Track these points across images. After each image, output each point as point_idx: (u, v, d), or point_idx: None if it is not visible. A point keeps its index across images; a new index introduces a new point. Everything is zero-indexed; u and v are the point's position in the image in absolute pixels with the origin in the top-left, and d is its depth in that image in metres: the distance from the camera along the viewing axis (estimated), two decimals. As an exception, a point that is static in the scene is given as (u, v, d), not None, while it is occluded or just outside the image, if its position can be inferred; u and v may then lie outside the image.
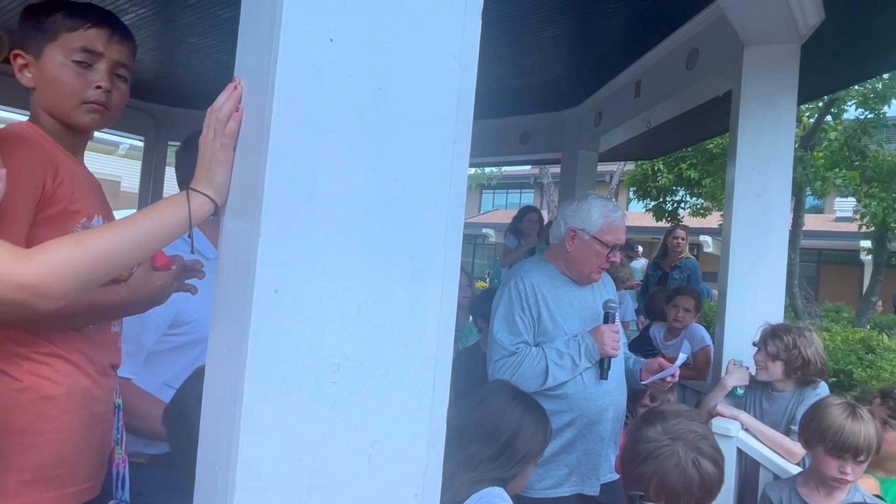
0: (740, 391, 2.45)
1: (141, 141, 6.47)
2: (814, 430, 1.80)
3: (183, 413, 1.09)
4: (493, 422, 1.42)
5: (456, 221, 0.80)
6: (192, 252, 0.96)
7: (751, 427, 2.31)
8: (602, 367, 2.04)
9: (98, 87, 1.17)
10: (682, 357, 2.11)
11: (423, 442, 0.78)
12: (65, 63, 1.14)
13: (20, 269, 0.82)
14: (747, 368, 2.51)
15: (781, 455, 2.21)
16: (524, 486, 2.00)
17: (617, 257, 2.14)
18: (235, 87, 0.84)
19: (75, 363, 1.15)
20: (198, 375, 1.08)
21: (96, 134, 1.33)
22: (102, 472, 1.23)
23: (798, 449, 2.10)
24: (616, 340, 2.05)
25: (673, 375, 2.09)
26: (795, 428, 2.17)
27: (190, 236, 0.88)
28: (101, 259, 0.86)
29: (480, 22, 0.81)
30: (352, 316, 0.73)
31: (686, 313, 3.64)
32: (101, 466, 1.22)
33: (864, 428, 1.74)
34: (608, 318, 2.08)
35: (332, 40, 0.71)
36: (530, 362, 2.00)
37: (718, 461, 1.20)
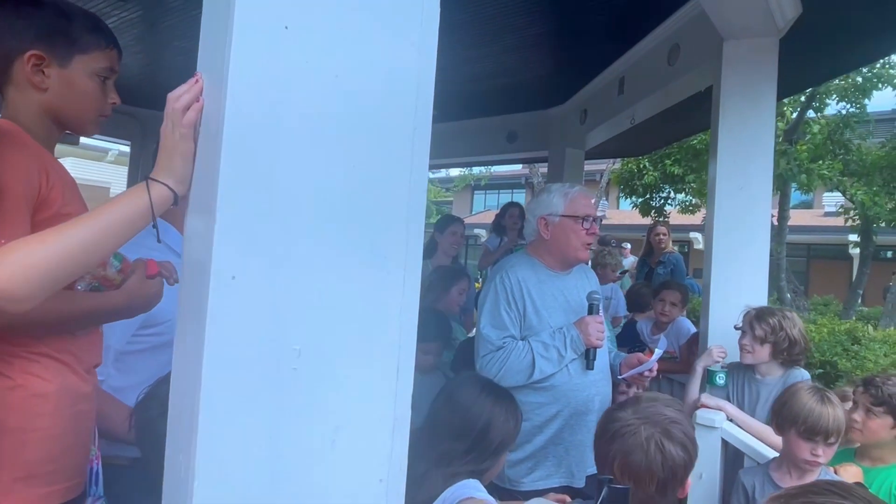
0: (720, 381, 2.46)
1: (128, 145, 6.45)
2: (786, 415, 1.85)
3: (148, 414, 1.10)
4: (463, 416, 1.42)
5: (418, 208, 0.81)
6: (159, 241, 0.96)
7: (735, 418, 2.32)
8: (588, 357, 2.07)
9: (113, 102, 1.27)
10: (658, 352, 2.13)
11: (387, 427, 0.78)
12: (93, 78, 1.22)
13: None
14: (719, 347, 2.54)
15: (767, 445, 2.22)
16: (514, 480, 2.02)
17: (595, 228, 2.16)
18: (196, 81, 0.84)
19: (64, 362, 1.17)
20: (167, 378, 1.09)
21: (86, 141, 1.36)
22: (86, 468, 1.24)
23: (777, 438, 2.12)
24: (601, 331, 2.07)
25: (651, 370, 2.12)
26: None
27: (154, 227, 0.88)
28: (65, 257, 0.85)
29: (439, 10, 0.81)
30: (312, 302, 0.73)
31: (672, 307, 3.66)
32: (85, 463, 1.24)
33: (833, 411, 1.79)
34: (592, 310, 2.10)
35: (287, 28, 0.71)
36: (517, 356, 2.02)
37: (688, 447, 1.20)
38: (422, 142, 0.81)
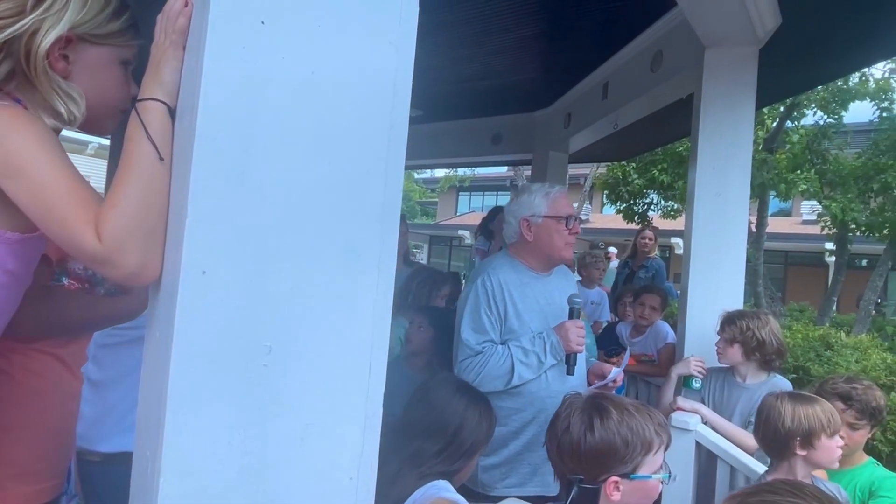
0: (696, 384, 2.50)
1: (108, 139, 6.37)
2: (809, 429, 1.80)
3: None
4: (436, 415, 1.42)
5: (392, 206, 0.81)
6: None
7: (711, 421, 2.35)
8: (568, 362, 2.04)
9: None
10: (624, 361, 2.16)
11: (358, 425, 0.78)
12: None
13: (93, 246, 0.76)
14: (698, 360, 2.58)
15: (742, 448, 2.25)
16: (487, 485, 2.01)
17: (577, 227, 2.16)
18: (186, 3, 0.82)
19: (62, 360, 1.16)
20: None
21: (66, 133, 1.29)
22: (67, 466, 1.22)
23: (752, 442, 2.14)
24: (581, 336, 2.04)
25: (615, 381, 2.14)
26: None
27: (161, 158, 0.80)
28: (146, 206, 0.77)
29: (418, 9, 0.82)
30: (284, 298, 0.73)
31: (652, 311, 3.70)
32: (68, 461, 1.23)
33: (826, 402, 1.84)
34: (573, 314, 2.07)
35: (263, 23, 0.71)
36: (496, 361, 1.99)
37: (595, 426, 1.26)
38: (398, 140, 0.81)
